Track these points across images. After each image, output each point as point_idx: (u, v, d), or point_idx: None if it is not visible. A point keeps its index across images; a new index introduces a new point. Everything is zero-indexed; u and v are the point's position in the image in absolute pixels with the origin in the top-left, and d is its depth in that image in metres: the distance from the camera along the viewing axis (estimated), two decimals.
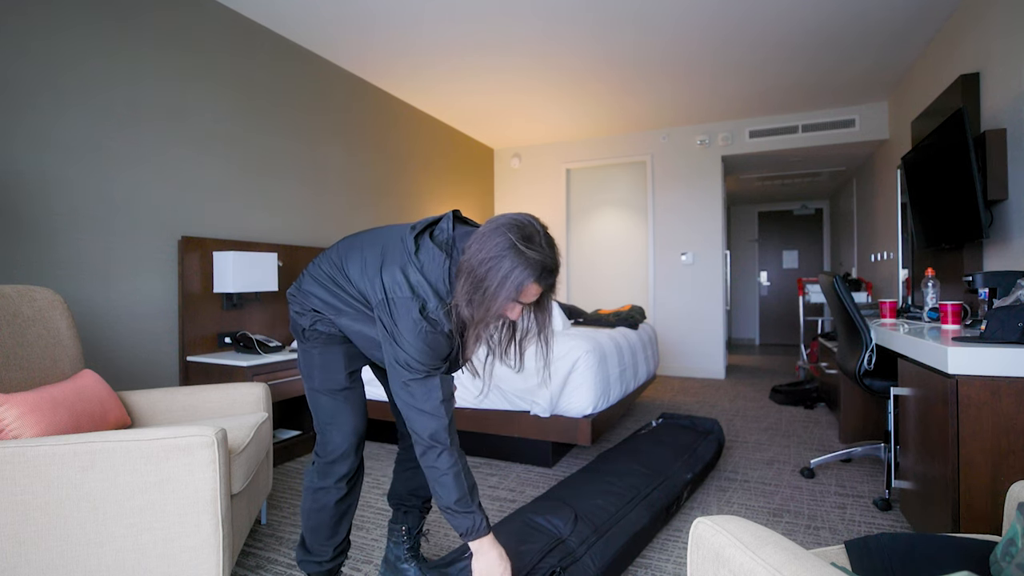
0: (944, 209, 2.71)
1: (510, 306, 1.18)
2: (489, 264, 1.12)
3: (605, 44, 3.51)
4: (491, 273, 1.11)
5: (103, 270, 2.41)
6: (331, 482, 1.41)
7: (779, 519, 2.12)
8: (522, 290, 1.13)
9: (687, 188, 5.38)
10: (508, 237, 1.12)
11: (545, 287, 1.20)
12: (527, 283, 1.13)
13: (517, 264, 1.11)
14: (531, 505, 1.78)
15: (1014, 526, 0.89)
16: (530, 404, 2.59)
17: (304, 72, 3.54)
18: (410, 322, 1.20)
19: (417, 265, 1.22)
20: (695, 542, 0.83)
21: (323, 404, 1.41)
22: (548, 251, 1.16)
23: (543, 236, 1.17)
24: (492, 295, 1.12)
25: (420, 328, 1.19)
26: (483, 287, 1.12)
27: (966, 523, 1.48)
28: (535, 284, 1.15)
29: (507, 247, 1.12)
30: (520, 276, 1.11)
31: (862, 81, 4.15)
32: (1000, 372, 1.45)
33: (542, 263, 1.14)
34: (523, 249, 1.12)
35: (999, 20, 2.55)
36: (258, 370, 2.56)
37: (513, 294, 1.12)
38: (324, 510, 1.42)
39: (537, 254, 1.13)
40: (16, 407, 1.40)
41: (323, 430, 1.42)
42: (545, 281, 1.17)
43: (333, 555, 1.45)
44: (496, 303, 1.13)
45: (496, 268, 1.11)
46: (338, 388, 1.41)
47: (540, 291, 1.19)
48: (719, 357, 5.30)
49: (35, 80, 2.19)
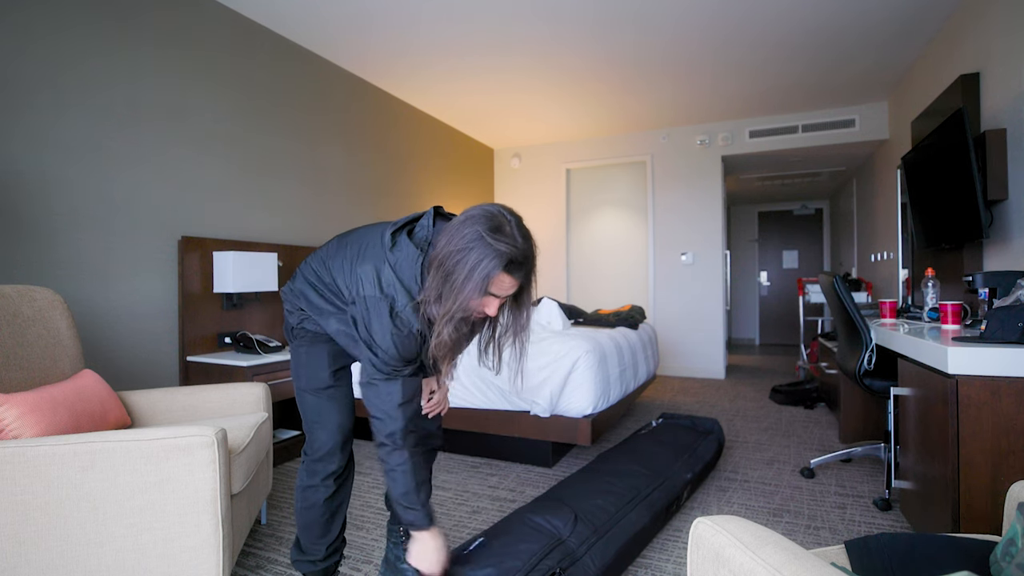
0: (944, 209, 2.70)
1: (484, 301, 1.16)
2: (457, 256, 1.10)
3: (605, 44, 3.51)
4: (459, 266, 1.10)
5: (103, 270, 2.41)
6: (318, 480, 1.42)
7: (779, 519, 2.12)
8: (490, 281, 1.11)
9: (687, 188, 5.38)
10: (476, 229, 1.11)
11: (521, 280, 1.17)
12: (494, 273, 1.10)
13: (484, 255, 1.09)
14: (531, 505, 1.78)
15: (1014, 526, 0.89)
16: (530, 404, 2.59)
17: (304, 72, 3.54)
18: (378, 321, 1.20)
19: (392, 262, 1.22)
20: (695, 542, 0.82)
21: (309, 402, 1.43)
22: (519, 241, 1.13)
23: (515, 227, 1.14)
24: (459, 287, 1.11)
25: (387, 328, 1.20)
26: (451, 280, 1.11)
27: (966, 523, 1.48)
28: (505, 275, 1.12)
29: (475, 238, 1.10)
30: (487, 267, 1.09)
31: (862, 81, 4.15)
32: (1000, 372, 1.45)
33: (509, 254, 1.11)
34: (491, 240, 1.10)
35: (999, 20, 2.55)
36: (258, 370, 2.56)
37: (481, 285, 1.10)
38: (314, 508, 1.43)
39: (505, 245, 1.10)
40: (16, 407, 1.40)
41: (309, 428, 1.44)
42: (516, 272, 1.14)
43: (326, 554, 1.46)
44: (463, 295, 1.11)
45: (464, 260, 1.10)
46: (322, 387, 1.42)
47: (514, 284, 1.16)
48: (719, 357, 5.30)
49: (35, 79, 2.19)
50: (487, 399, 2.70)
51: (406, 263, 1.21)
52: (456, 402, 2.79)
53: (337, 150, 3.83)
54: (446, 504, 2.29)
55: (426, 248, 1.22)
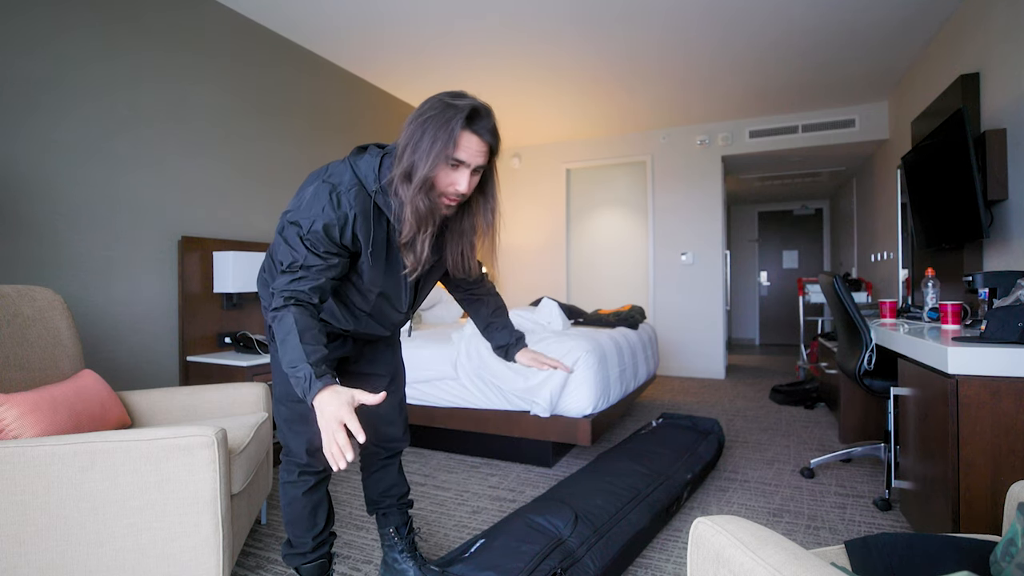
0: (944, 209, 2.70)
1: (453, 176, 1.14)
2: (424, 124, 1.12)
3: (605, 44, 3.51)
4: (426, 132, 1.11)
5: (103, 270, 2.41)
6: (295, 476, 1.41)
7: (779, 519, 2.12)
8: (456, 139, 1.11)
9: (687, 188, 5.38)
10: (437, 97, 1.14)
11: (489, 141, 1.15)
12: (457, 130, 1.10)
13: (448, 115, 1.11)
14: (531, 505, 1.78)
15: (1014, 526, 0.89)
16: (530, 404, 2.59)
17: (304, 72, 3.54)
18: (305, 214, 1.14)
19: (349, 160, 1.22)
20: (695, 542, 0.83)
21: (282, 412, 1.40)
22: (480, 102, 1.15)
23: (474, 97, 1.16)
24: (428, 150, 1.11)
25: (310, 218, 1.13)
26: (419, 147, 1.11)
27: (966, 523, 1.48)
28: (471, 134, 1.12)
29: (436, 103, 1.13)
30: (452, 124, 1.10)
31: (862, 81, 4.15)
32: (1000, 372, 1.45)
33: (471, 105, 1.12)
34: (450, 101, 1.12)
35: (999, 20, 2.55)
36: (258, 370, 2.56)
37: (449, 145, 1.10)
38: (296, 501, 1.42)
39: (466, 101, 1.13)
40: (16, 407, 1.40)
41: (283, 435, 1.41)
42: (481, 129, 1.13)
43: (314, 545, 1.45)
44: (431, 158, 1.10)
45: (427, 124, 1.11)
46: (297, 399, 1.35)
47: (481, 148, 1.14)
48: (719, 357, 5.30)
49: (36, 80, 2.19)
50: (487, 399, 2.70)
51: (366, 158, 1.22)
52: (456, 402, 2.79)
53: (337, 150, 3.83)
54: (446, 504, 2.29)
55: (391, 150, 1.22)
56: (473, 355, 2.73)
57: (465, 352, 2.75)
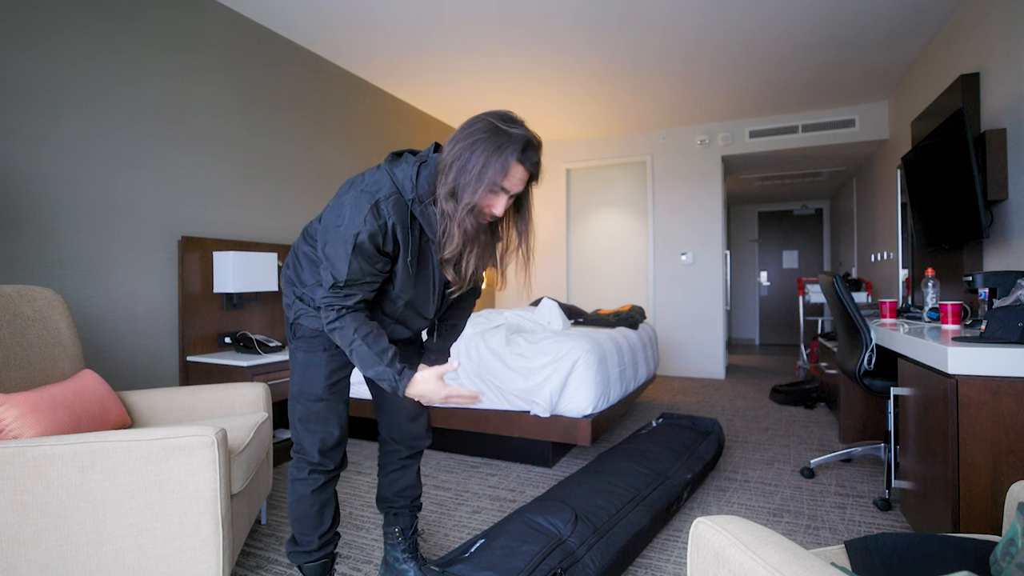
0: (944, 209, 2.70)
1: (492, 197, 1.16)
2: (473, 147, 1.12)
3: (605, 44, 3.51)
4: (475, 155, 1.11)
5: (103, 270, 2.41)
6: (306, 474, 1.42)
7: (779, 519, 2.12)
8: (508, 168, 1.12)
9: (687, 188, 5.38)
10: (488, 120, 1.14)
11: (531, 171, 1.18)
12: (511, 160, 1.12)
13: (501, 142, 1.11)
14: (531, 505, 1.78)
15: (1014, 526, 0.89)
16: (530, 404, 2.59)
17: (304, 72, 3.54)
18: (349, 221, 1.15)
19: (386, 168, 1.22)
20: (695, 542, 0.83)
21: (297, 411, 1.40)
22: (530, 131, 1.16)
23: (523, 123, 1.18)
24: (477, 176, 1.11)
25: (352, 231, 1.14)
26: (467, 169, 1.12)
27: (966, 523, 1.48)
28: (519, 165, 1.14)
29: (489, 128, 1.13)
30: (505, 153, 1.11)
31: (862, 81, 4.15)
32: (1000, 372, 1.45)
33: (525, 137, 1.14)
34: (505, 128, 1.12)
35: (999, 20, 2.55)
36: (258, 370, 2.56)
37: (500, 173, 1.11)
38: (303, 499, 1.43)
39: (520, 131, 1.14)
40: (16, 407, 1.40)
41: (297, 434, 1.42)
42: (528, 160, 1.15)
43: (320, 544, 1.45)
44: (482, 185, 1.12)
45: (480, 149, 1.11)
46: (314, 399, 1.38)
47: (523, 179, 1.17)
48: (719, 357, 5.30)
49: (36, 80, 2.19)
50: (487, 399, 2.70)
51: (402, 167, 1.22)
52: (456, 402, 2.78)
53: (337, 150, 3.83)
54: (446, 504, 2.29)
55: (425, 159, 1.23)
56: (473, 355, 2.73)
57: (465, 352, 2.75)
